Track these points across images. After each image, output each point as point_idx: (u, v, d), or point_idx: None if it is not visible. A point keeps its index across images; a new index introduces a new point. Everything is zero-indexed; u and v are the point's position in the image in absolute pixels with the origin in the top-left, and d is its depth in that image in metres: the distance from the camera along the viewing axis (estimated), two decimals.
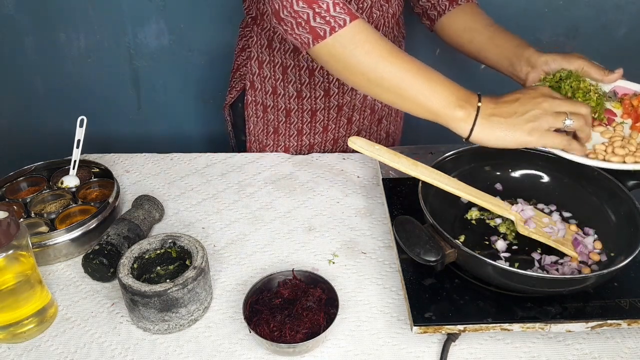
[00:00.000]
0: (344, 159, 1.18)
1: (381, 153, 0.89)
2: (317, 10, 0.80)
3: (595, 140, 0.89)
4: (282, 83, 1.16)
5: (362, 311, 0.83)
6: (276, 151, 1.25)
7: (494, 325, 0.75)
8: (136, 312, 0.78)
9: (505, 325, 0.75)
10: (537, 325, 0.75)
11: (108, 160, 1.18)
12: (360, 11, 1.05)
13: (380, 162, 1.01)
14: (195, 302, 0.79)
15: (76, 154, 1.05)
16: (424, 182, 0.88)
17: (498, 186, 0.98)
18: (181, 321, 0.79)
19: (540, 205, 0.95)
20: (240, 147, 1.30)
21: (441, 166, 0.93)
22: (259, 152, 1.25)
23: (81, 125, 1.06)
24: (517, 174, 1.00)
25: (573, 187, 0.95)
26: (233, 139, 1.32)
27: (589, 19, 1.52)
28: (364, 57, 0.82)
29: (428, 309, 0.77)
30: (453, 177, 0.91)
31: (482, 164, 1.00)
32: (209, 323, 0.82)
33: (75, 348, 0.78)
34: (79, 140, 1.06)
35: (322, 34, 0.81)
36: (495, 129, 0.82)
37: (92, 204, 0.98)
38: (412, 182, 0.98)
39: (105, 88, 1.67)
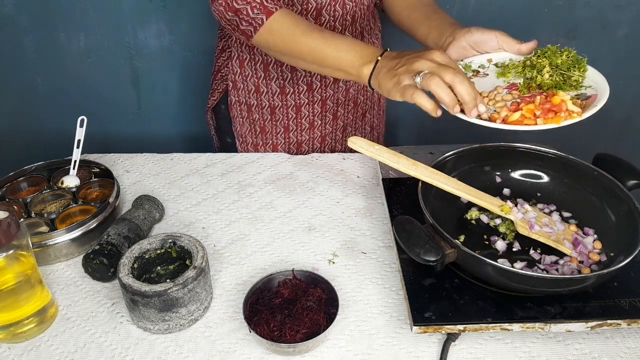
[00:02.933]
0: (344, 159, 1.18)
1: (381, 153, 0.89)
2: (241, 16, 0.98)
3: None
4: (264, 80, 1.17)
5: (362, 311, 0.83)
6: (265, 150, 1.25)
7: (494, 325, 0.75)
8: (136, 312, 0.78)
9: (505, 325, 0.75)
10: (537, 325, 0.75)
11: (108, 160, 1.18)
12: (334, 2, 1.08)
13: (380, 162, 1.01)
14: (195, 302, 0.80)
15: (76, 154, 1.05)
16: (424, 182, 0.88)
17: (506, 191, 0.98)
18: (181, 321, 0.79)
19: (540, 205, 0.95)
20: (225, 149, 1.30)
21: (441, 166, 0.93)
22: (250, 152, 1.26)
23: (81, 125, 1.06)
24: (517, 174, 1.00)
25: (573, 187, 0.95)
26: (217, 141, 1.33)
27: (589, 19, 1.52)
28: (285, 42, 0.97)
29: (428, 308, 0.77)
30: (453, 177, 0.91)
31: (482, 164, 1.00)
32: (209, 323, 0.82)
33: (76, 348, 0.78)
34: (79, 140, 1.06)
35: (250, 34, 0.99)
36: (380, 77, 0.89)
37: (92, 204, 0.98)
38: (412, 182, 0.98)
39: (105, 88, 1.67)
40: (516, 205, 0.92)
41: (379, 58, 0.90)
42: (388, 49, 0.92)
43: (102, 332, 0.80)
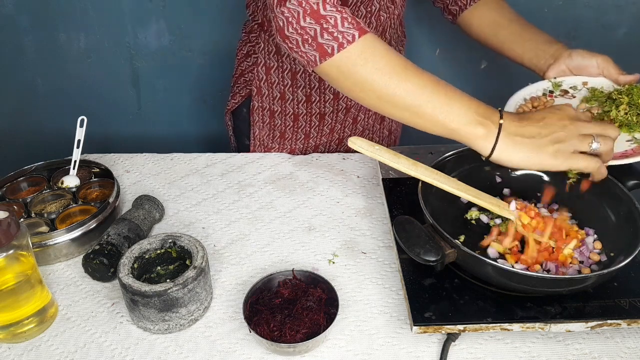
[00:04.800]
0: (344, 159, 1.18)
1: (381, 153, 0.89)
2: (324, 25, 0.76)
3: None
4: (290, 88, 1.15)
5: (362, 311, 0.83)
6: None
7: (494, 325, 0.75)
8: (136, 311, 0.78)
9: (505, 325, 0.75)
10: (537, 325, 0.75)
11: (108, 160, 1.18)
12: (369, 15, 1.04)
13: (380, 162, 1.01)
14: (195, 302, 0.80)
15: (76, 154, 1.05)
16: (424, 182, 0.88)
17: (506, 191, 0.98)
18: (181, 321, 0.79)
19: (540, 205, 0.95)
20: (244, 150, 1.30)
21: (441, 166, 0.93)
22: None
23: (81, 125, 1.06)
24: (517, 174, 1.00)
25: (573, 187, 0.95)
26: (234, 143, 1.32)
27: (589, 19, 1.52)
28: (374, 74, 0.78)
29: (428, 308, 0.77)
30: (453, 177, 0.91)
31: (482, 164, 0.99)
32: (209, 323, 0.82)
33: (75, 348, 0.78)
34: (79, 140, 1.06)
35: (329, 51, 0.77)
36: (518, 149, 0.79)
37: (93, 204, 0.98)
38: (412, 182, 0.98)
39: (105, 88, 1.67)
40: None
41: (501, 122, 0.78)
42: (501, 109, 0.81)
43: (102, 332, 0.80)
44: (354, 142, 0.90)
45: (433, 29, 1.52)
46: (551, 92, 1.00)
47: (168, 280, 0.80)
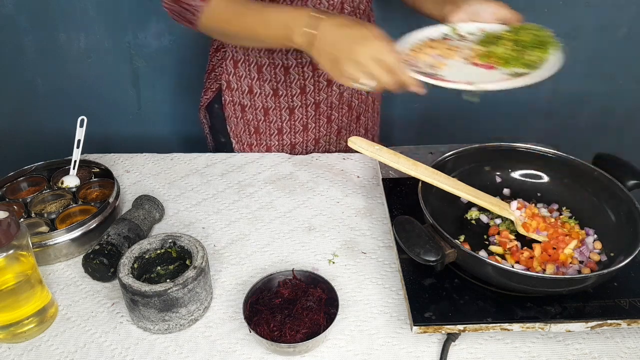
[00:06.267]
0: (344, 159, 1.18)
1: (381, 153, 0.89)
2: (181, 4, 0.99)
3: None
4: (257, 82, 1.17)
5: (362, 311, 0.83)
6: (260, 150, 1.25)
7: (494, 325, 0.75)
8: (136, 312, 0.78)
9: (505, 325, 0.75)
10: (537, 325, 0.75)
11: (108, 160, 1.18)
12: (331, 7, 1.08)
13: (380, 162, 1.01)
14: (195, 302, 0.80)
15: (76, 154, 1.05)
16: (424, 182, 0.88)
17: (506, 191, 0.98)
18: (181, 321, 0.79)
19: (540, 205, 0.95)
20: (219, 148, 1.30)
21: (441, 166, 0.93)
22: (245, 152, 1.26)
23: (81, 125, 1.06)
24: (517, 174, 1.00)
25: (573, 187, 0.95)
26: (211, 141, 1.33)
27: (589, 19, 1.52)
28: (223, 28, 1.01)
29: (428, 308, 0.77)
30: (453, 177, 0.91)
31: (482, 164, 1.00)
32: (209, 323, 0.82)
33: (75, 348, 0.78)
34: (79, 140, 1.06)
35: (193, 22, 1.01)
36: (323, 61, 0.89)
37: (92, 204, 0.98)
38: (412, 182, 0.98)
39: (105, 88, 1.67)
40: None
41: (315, 32, 0.89)
42: (314, 14, 0.90)
43: (102, 332, 0.80)
44: (354, 142, 0.90)
45: None
46: (449, 36, 1.04)
47: (168, 280, 0.80)
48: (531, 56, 0.92)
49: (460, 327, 0.75)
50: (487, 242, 0.89)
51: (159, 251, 0.85)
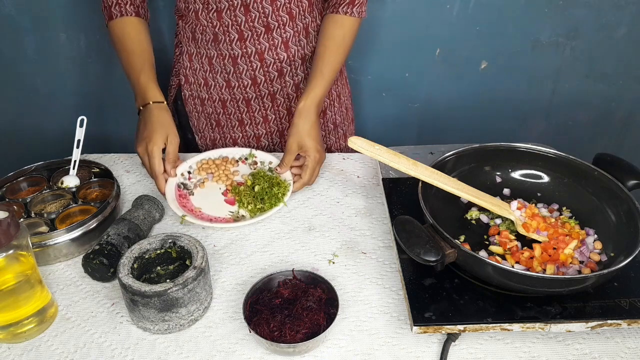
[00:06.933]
0: (344, 159, 1.18)
1: (381, 153, 0.89)
2: (105, 4, 1.10)
3: None
4: (210, 74, 1.18)
5: (362, 311, 0.83)
6: (224, 145, 1.26)
7: (494, 325, 0.75)
8: (136, 312, 0.78)
9: (505, 325, 0.75)
10: (537, 325, 0.75)
11: (108, 160, 1.18)
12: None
13: (380, 162, 1.01)
14: (195, 302, 0.80)
15: (76, 154, 1.05)
16: (424, 182, 0.88)
17: (506, 191, 0.98)
18: (181, 321, 0.79)
19: (540, 205, 0.96)
20: (187, 145, 1.30)
21: (441, 166, 0.93)
22: (209, 147, 1.26)
23: (81, 125, 1.06)
24: (517, 174, 1.00)
25: (573, 187, 0.95)
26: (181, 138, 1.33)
27: (589, 19, 1.52)
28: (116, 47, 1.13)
29: (428, 308, 0.77)
30: (453, 177, 0.91)
31: (482, 164, 1.00)
32: (209, 323, 0.82)
33: (75, 348, 0.78)
34: (79, 140, 1.06)
35: (105, 20, 1.12)
36: (138, 128, 1.08)
37: (92, 204, 0.98)
38: (412, 182, 0.98)
39: (105, 88, 1.67)
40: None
41: (141, 108, 1.07)
42: (150, 103, 1.06)
43: (102, 332, 0.80)
44: (354, 142, 0.90)
45: (433, 29, 1.52)
46: (246, 159, 1.14)
47: (168, 280, 0.79)
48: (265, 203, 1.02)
49: (461, 327, 0.75)
50: (487, 242, 0.89)
51: (158, 251, 0.85)
